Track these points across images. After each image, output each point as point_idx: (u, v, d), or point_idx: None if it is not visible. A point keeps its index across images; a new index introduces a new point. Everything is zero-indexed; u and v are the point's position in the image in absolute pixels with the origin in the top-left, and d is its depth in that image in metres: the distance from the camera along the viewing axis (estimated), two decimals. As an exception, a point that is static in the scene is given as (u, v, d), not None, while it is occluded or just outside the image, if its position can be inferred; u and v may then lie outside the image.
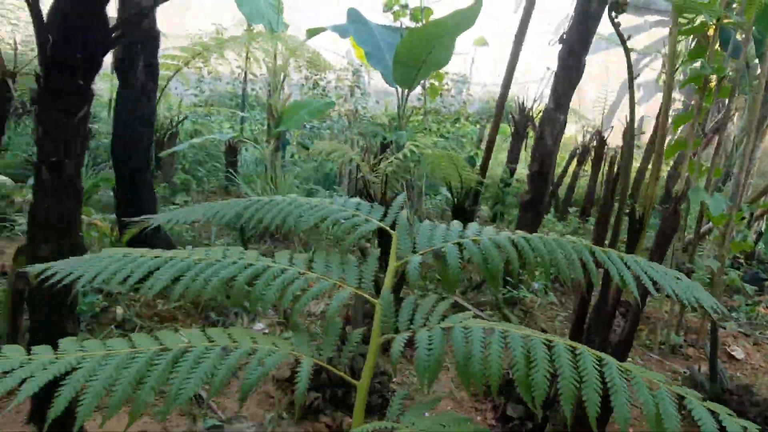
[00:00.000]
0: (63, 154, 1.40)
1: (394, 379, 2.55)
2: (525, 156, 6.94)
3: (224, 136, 4.69)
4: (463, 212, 3.90)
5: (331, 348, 0.77)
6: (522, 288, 3.06)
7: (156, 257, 0.85)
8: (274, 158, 5.00)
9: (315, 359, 0.74)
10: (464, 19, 3.99)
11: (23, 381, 0.69)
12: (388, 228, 0.90)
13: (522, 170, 6.99)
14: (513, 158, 6.03)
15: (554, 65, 2.95)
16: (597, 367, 0.67)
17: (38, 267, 0.93)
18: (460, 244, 0.82)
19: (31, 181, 4.60)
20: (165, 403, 0.67)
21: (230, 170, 5.28)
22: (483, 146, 7.95)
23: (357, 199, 0.96)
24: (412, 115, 5.26)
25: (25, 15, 5.79)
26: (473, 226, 0.87)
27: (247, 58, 5.89)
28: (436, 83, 5.66)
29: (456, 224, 0.89)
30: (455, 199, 3.73)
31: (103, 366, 0.66)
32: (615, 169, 1.40)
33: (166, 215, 1.09)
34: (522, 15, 3.24)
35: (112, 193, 4.39)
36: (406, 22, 5.65)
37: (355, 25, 4.67)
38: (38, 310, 1.54)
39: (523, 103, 5.96)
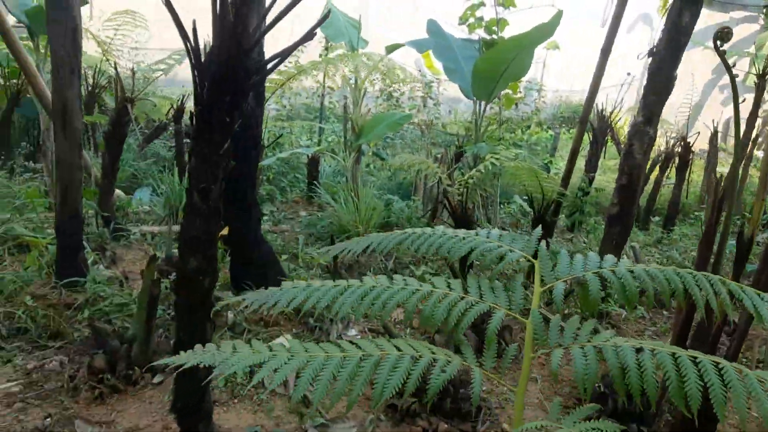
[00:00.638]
0: (211, 182, 1.62)
1: (483, 388, 2.63)
2: (602, 163, 6.79)
3: (308, 150, 4.96)
4: (543, 224, 3.92)
5: (493, 359, 0.89)
6: (610, 301, 3.05)
7: (336, 286, 1.01)
8: (354, 170, 5.22)
9: (483, 369, 0.87)
10: (544, 32, 4.02)
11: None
12: (530, 257, 1.01)
13: (599, 178, 6.83)
14: (591, 167, 5.93)
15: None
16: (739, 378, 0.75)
17: (246, 297, 1.11)
18: (599, 273, 0.91)
19: (138, 193, 5.04)
20: (372, 397, 0.81)
21: (312, 181, 5.56)
22: (557, 154, 7.82)
23: (497, 231, 1.08)
24: (488, 125, 5.31)
25: (130, 41, 6.31)
26: (609, 257, 0.97)
27: (325, 73, 6.18)
28: (511, 93, 5.68)
29: (593, 255, 0.99)
30: (536, 211, 3.76)
31: (327, 365, 0.80)
32: (721, 191, 1.42)
33: (342, 246, 1.23)
34: (608, 29, 3.24)
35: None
36: (482, 33, 5.71)
37: (434, 39, 4.80)
38: (185, 316, 1.77)
39: (602, 111, 5.85)
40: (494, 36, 5.54)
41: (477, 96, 4.64)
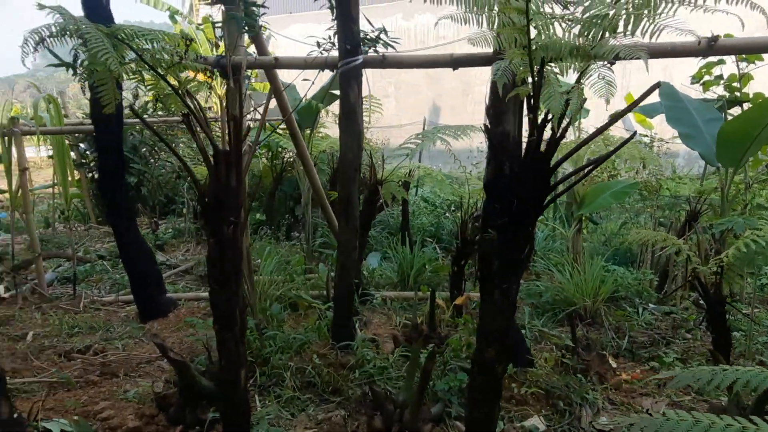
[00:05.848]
0: (512, 282, 1.83)
1: None
2: None
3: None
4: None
5: None
6: None
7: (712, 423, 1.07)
8: (575, 239, 5.13)
9: None
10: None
11: None
12: None
13: None
14: None
15: None
16: None
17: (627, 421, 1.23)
18: None
19: (370, 258, 5.60)
20: None
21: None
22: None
23: None
24: (738, 193, 4.78)
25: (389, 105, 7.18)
26: None
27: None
28: (760, 154, 5.07)
29: None
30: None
31: None
32: None
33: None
34: None
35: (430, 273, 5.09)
36: (719, 91, 5.29)
37: (668, 103, 4.58)
38: (479, 397, 1.97)
39: None
40: (737, 93, 5.08)
41: (722, 163, 4.26)
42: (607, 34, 1.64)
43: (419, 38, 15.27)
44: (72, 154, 7.62)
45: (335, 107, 6.44)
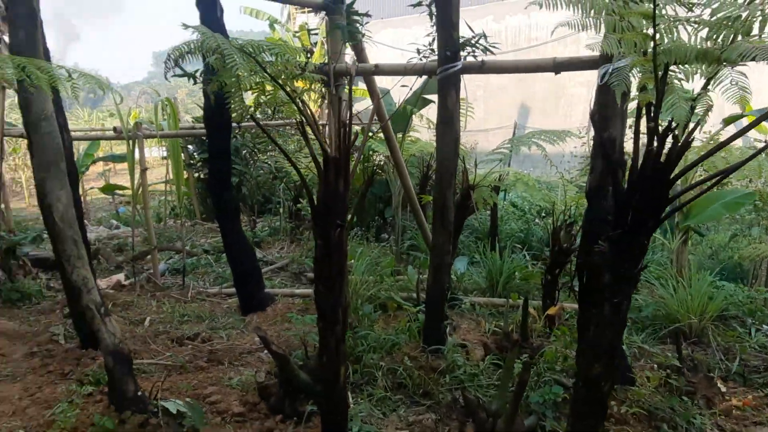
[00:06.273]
0: (623, 297, 1.76)
1: None
2: None
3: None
4: None
5: None
6: None
7: None
8: (680, 251, 4.80)
9: None
10: None
11: None
12: None
13: None
14: None
15: None
16: None
17: None
18: None
19: (457, 262, 5.54)
20: None
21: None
22: None
23: None
24: None
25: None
26: None
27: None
28: None
29: None
30: None
31: None
32: None
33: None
34: None
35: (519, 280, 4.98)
36: None
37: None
38: (583, 410, 1.92)
39: None
40: None
41: None
42: (739, 37, 1.54)
43: (510, 40, 14.95)
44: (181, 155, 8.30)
45: (426, 111, 6.52)
